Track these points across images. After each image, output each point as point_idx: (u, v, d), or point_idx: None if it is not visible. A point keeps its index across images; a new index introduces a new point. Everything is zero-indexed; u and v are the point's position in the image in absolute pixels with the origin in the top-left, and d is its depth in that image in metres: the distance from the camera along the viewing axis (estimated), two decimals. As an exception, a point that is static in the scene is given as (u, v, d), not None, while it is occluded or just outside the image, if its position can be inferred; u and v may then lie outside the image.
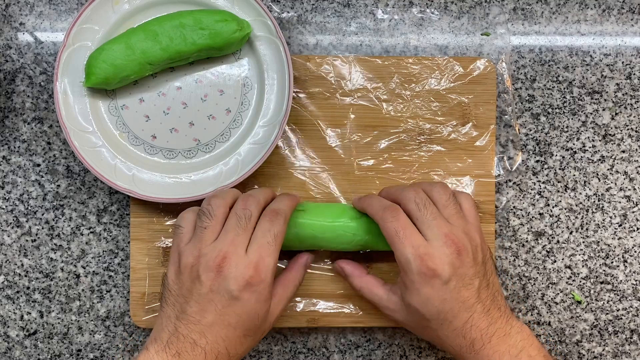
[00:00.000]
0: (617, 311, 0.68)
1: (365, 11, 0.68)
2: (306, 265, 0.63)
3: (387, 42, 0.68)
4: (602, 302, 0.68)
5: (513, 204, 0.68)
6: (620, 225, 0.68)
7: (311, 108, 0.66)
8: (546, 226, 0.68)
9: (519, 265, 0.68)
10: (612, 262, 0.68)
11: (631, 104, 0.68)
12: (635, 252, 0.68)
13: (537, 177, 0.68)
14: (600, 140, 0.68)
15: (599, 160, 0.68)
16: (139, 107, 0.65)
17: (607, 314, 0.68)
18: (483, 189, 0.67)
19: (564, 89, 0.68)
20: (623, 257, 0.68)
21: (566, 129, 0.68)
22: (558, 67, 0.68)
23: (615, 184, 0.68)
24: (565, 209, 0.68)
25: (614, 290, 0.68)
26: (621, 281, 0.68)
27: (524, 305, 0.68)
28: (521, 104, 0.68)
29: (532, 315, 0.68)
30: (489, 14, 0.68)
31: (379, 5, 0.68)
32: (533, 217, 0.68)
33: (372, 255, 0.66)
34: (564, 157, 0.68)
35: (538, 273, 0.68)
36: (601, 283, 0.68)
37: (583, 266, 0.68)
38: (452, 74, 0.67)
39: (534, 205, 0.68)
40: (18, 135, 0.67)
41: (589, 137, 0.68)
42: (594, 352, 0.68)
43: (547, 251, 0.68)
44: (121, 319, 0.67)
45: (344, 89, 0.66)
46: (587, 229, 0.68)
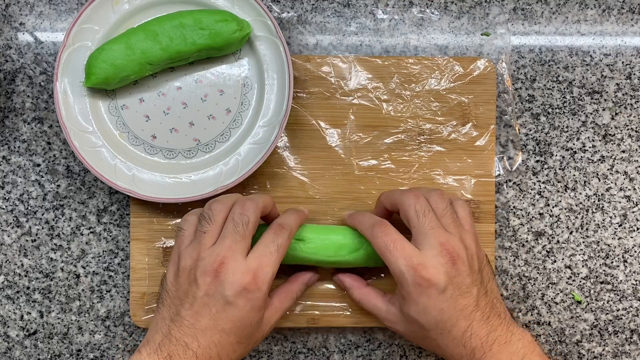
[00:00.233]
0: (617, 311, 0.68)
1: (365, 11, 0.68)
2: (308, 284, 0.64)
3: (387, 42, 0.68)
4: (602, 302, 0.68)
5: (513, 204, 0.68)
6: (620, 225, 0.68)
7: (311, 108, 0.66)
8: (546, 226, 0.68)
9: (519, 265, 0.68)
10: (612, 262, 0.68)
11: (631, 104, 0.68)
12: (635, 252, 0.68)
13: (537, 177, 0.68)
14: (600, 140, 0.68)
15: (599, 160, 0.68)
16: (139, 107, 0.65)
17: (607, 314, 0.68)
18: (483, 189, 0.67)
19: (564, 89, 0.68)
20: (623, 257, 0.68)
21: (566, 129, 0.68)
22: (558, 67, 0.68)
23: (615, 184, 0.68)
24: (565, 209, 0.68)
25: (614, 290, 0.68)
26: (621, 281, 0.68)
27: (524, 305, 0.68)
28: (521, 104, 0.68)
29: (532, 315, 0.68)
30: (489, 14, 0.68)
31: (379, 5, 0.68)
32: (533, 217, 0.68)
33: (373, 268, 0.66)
34: (564, 157, 0.68)
35: (538, 273, 0.68)
36: (601, 283, 0.68)
37: (583, 266, 0.68)
38: (452, 74, 0.67)
39: (534, 205, 0.68)
40: (18, 135, 0.67)
41: (589, 137, 0.68)
42: (594, 352, 0.68)
43: (547, 251, 0.68)
44: (121, 319, 0.67)
45: (344, 89, 0.66)
46: (587, 229, 0.68)
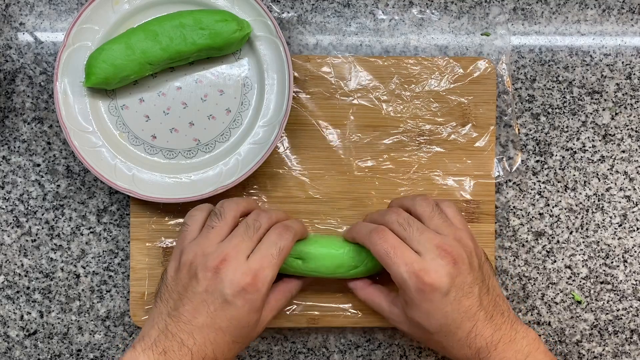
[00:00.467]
0: (617, 311, 0.68)
1: (365, 11, 0.68)
2: (305, 283, 0.63)
3: (387, 42, 0.68)
4: (602, 302, 0.68)
5: (513, 204, 0.68)
6: (620, 225, 0.68)
7: (311, 108, 0.66)
8: (546, 226, 0.68)
9: (519, 265, 0.68)
10: (612, 262, 0.68)
11: (631, 104, 0.68)
12: (635, 252, 0.68)
13: (537, 177, 0.68)
14: (600, 140, 0.68)
15: (599, 160, 0.68)
16: (139, 107, 0.65)
17: (607, 314, 0.68)
18: (483, 189, 0.67)
19: (564, 89, 0.68)
20: (623, 257, 0.68)
21: (566, 129, 0.68)
22: (558, 67, 0.68)
23: (615, 184, 0.68)
24: (565, 209, 0.68)
25: (614, 290, 0.68)
26: (621, 281, 0.68)
27: (524, 305, 0.68)
28: (521, 104, 0.68)
29: (532, 315, 0.68)
30: (489, 14, 0.68)
31: (379, 5, 0.68)
32: (533, 217, 0.68)
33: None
34: (564, 157, 0.68)
35: (538, 273, 0.68)
36: (601, 283, 0.68)
37: (583, 266, 0.68)
38: (452, 75, 0.67)
39: (534, 205, 0.68)
40: (18, 135, 0.67)
41: (589, 137, 0.68)
42: (594, 352, 0.68)
43: (547, 251, 0.68)
44: (121, 319, 0.67)
45: (344, 89, 0.66)
46: (587, 229, 0.68)
